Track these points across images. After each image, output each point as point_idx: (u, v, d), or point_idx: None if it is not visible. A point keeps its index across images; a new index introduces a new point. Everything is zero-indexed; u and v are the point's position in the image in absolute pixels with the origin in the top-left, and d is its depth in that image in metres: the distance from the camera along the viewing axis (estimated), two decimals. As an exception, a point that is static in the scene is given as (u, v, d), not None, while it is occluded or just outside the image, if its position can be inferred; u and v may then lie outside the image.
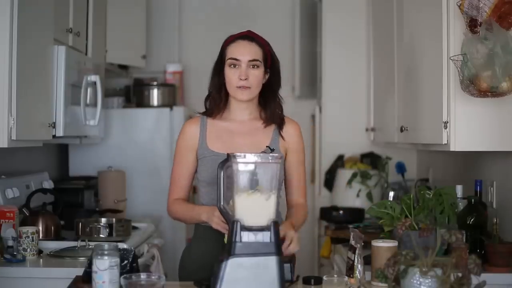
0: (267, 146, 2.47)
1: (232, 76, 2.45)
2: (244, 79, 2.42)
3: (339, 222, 3.91)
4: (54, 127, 3.08)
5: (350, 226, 3.40)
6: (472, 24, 2.49)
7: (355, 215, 4.00)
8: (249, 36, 2.49)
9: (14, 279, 2.65)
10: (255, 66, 2.44)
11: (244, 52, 2.44)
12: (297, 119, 2.65)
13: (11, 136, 2.62)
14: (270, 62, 2.49)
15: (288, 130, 2.52)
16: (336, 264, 3.37)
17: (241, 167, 2.03)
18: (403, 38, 3.34)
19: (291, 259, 2.19)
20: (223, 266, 1.97)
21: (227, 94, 2.51)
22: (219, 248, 2.25)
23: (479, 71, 2.43)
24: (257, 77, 2.44)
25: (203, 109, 2.60)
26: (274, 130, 2.51)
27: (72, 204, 3.71)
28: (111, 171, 3.98)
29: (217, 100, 2.52)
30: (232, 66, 2.45)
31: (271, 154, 2.09)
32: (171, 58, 5.12)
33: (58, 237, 3.19)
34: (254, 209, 2.03)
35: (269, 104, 2.52)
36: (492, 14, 2.44)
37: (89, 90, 3.50)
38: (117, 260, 2.01)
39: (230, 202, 2.14)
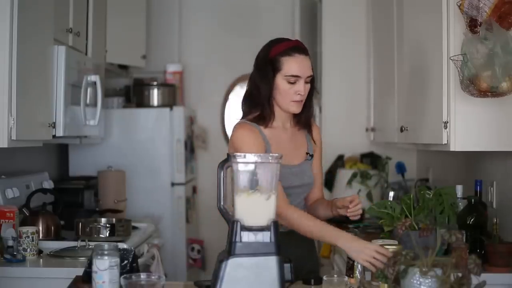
0: (307, 153, 2.54)
1: (289, 91, 2.41)
2: (302, 94, 2.42)
3: (339, 222, 3.90)
4: (54, 127, 3.09)
5: (350, 226, 3.41)
6: (472, 24, 2.49)
7: (355, 215, 4.00)
8: (302, 48, 2.45)
9: (14, 279, 2.65)
10: (309, 82, 2.46)
11: (304, 69, 2.41)
12: (297, 119, 2.66)
13: (11, 136, 2.62)
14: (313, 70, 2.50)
15: (315, 134, 2.60)
16: (336, 264, 3.37)
17: (241, 167, 2.03)
18: (403, 38, 3.34)
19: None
20: (223, 266, 1.97)
21: (272, 103, 2.47)
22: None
23: (479, 71, 2.43)
24: (307, 90, 2.46)
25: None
26: (306, 135, 2.58)
27: (72, 204, 3.71)
28: (111, 171, 3.98)
29: (267, 110, 2.45)
30: (290, 82, 2.41)
31: (271, 154, 2.09)
32: (171, 58, 5.13)
33: (58, 237, 3.19)
34: (254, 209, 2.03)
35: (306, 110, 2.52)
36: (492, 14, 2.44)
37: (89, 90, 3.50)
38: (117, 260, 2.01)
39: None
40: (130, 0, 4.62)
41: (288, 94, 2.42)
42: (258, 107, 2.47)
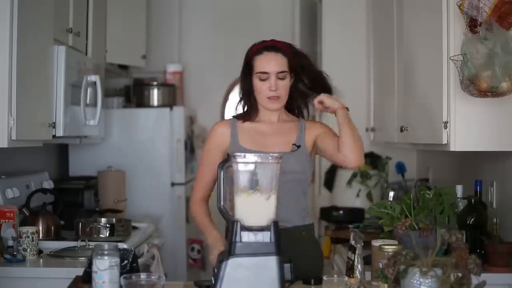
0: (293, 144, 2.55)
1: (262, 88, 2.53)
2: (274, 90, 2.52)
3: (339, 222, 3.91)
4: (54, 127, 3.08)
5: (350, 226, 3.41)
6: (472, 24, 2.49)
7: (355, 215, 4.00)
8: (274, 46, 2.56)
9: (14, 279, 2.65)
10: (283, 77, 2.53)
11: (272, 64, 2.52)
12: (297, 119, 2.67)
13: (11, 136, 2.62)
14: (293, 68, 2.56)
15: (313, 127, 2.62)
16: (336, 264, 3.37)
17: (241, 167, 2.03)
18: (403, 38, 3.33)
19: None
20: (223, 266, 1.97)
21: (256, 100, 2.59)
22: None
23: (479, 71, 2.43)
24: (285, 87, 2.55)
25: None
26: (300, 127, 2.60)
27: (72, 204, 3.71)
28: (111, 171, 3.98)
29: (248, 107, 2.61)
30: (261, 79, 2.53)
31: (271, 154, 2.09)
32: (171, 58, 5.13)
33: (58, 237, 3.19)
34: (254, 209, 2.03)
35: (294, 99, 2.64)
36: (492, 14, 2.44)
37: (89, 90, 3.50)
38: (117, 260, 2.01)
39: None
40: (130, 0, 4.62)
41: (262, 91, 2.53)
42: (244, 104, 2.63)
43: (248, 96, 2.59)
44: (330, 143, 2.51)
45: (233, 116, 2.66)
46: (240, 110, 2.66)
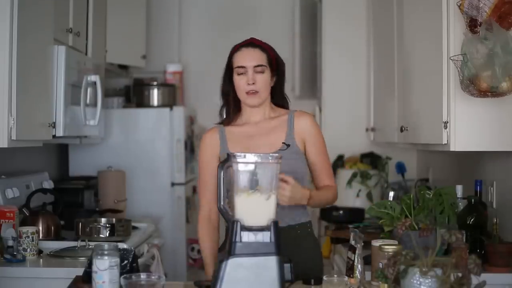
0: (283, 143, 2.56)
1: (240, 82, 2.55)
2: (251, 83, 2.53)
3: (339, 222, 3.91)
4: (54, 127, 3.08)
5: (350, 226, 3.40)
6: (472, 24, 2.49)
7: (355, 215, 4.00)
8: (252, 43, 2.60)
9: (14, 279, 2.65)
10: (261, 71, 2.54)
11: (249, 58, 2.55)
12: (297, 119, 2.67)
13: (11, 136, 2.62)
14: (275, 65, 2.59)
15: (302, 121, 2.61)
16: (336, 264, 3.37)
17: (241, 167, 2.03)
18: (403, 38, 3.34)
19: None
20: (223, 266, 1.97)
21: (238, 101, 2.61)
22: None
23: (479, 71, 2.43)
24: (264, 81, 2.55)
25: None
26: (289, 123, 2.60)
27: (72, 204, 3.71)
28: (111, 171, 3.98)
29: (228, 107, 2.63)
30: (239, 74, 2.55)
31: (271, 154, 2.09)
32: (171, 58, 5.12)
33: (58, 237, 3.19)
34: (254, 209, 2.03)
35: (278, 102, 2.67)
36: (492, 14, 2.44)
37: (89, 90, 3.50)
38: (117, 260, 2.01)
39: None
40: (130, 0, 4.62)
41: (240, 86, 2.55)
42: (223, 105, 2.67)
43: (227, 97, 2.62)
44: (312, 167, 2.61)
45: (218, 123, 2.67)
46: (224, 116, 2.67)
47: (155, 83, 4.61)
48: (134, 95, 4.59)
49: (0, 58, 2.59)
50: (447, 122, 2.66)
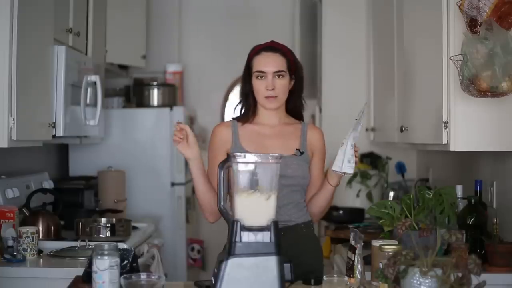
0: (297, 149, 2.58)
1: (259, 87, 2.55)
2: (271, 89, 2.53)
3: (339, 222, 3.91)
4: (54, 127, 3.09)
5: (350, 226, 3.40)
6: (472, 24, 2.49)
7: (355, 215, 4.00)
8: (272, 47, 2.59)
9: (14, 279, 2.65)
10: (280, 76, 2.55)
11: (269, 63, 2.55)
12: (297, 119, 2.67)
13: (11, 136, 2.62)
14: (294, 69, 2.60)
15: (315, 135, 2.65)
16: (336, 264, 3.37)
17: (241, 167, 2.03)
18: (403, 38, 3.33)
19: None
20: (223, 266, 1.97)
21: (255, 101, 2.62)
22: None
23: (479, 71, 2.43)
24: (283, 86, 2.56)
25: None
26: (302, 132, 2.63)
27: (72, 204, 3.71)
28: (111, 171, 3.98)
29: (246, 107, 2.64)
30: (259, 77, 2.55)
31: (271, 154, 2.09)
32: (171, 58, 5.13)
33: (58, 237, 3.20)
34: (254, 209, 2.03)
35: (295, 107, 2.68)
36: (492, 14, 2.44)
37: (89, 90, 3.50)
38: (117, 260, 2.01)
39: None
40: (130, 0, 4.62)
41: (260, 91, 2.55)
42: (242, 106, 2.67)
43: (247, 97, 2.62)
44: (313, 179, 2.62)
45: (232, 118, 2.67)
46: (238, 113, 2.67)
47: (155, 83, 4.61)
48: (134, 95, 4.59)
49: (0, 58, 2.59)
50: (447, 122, 2.66)
